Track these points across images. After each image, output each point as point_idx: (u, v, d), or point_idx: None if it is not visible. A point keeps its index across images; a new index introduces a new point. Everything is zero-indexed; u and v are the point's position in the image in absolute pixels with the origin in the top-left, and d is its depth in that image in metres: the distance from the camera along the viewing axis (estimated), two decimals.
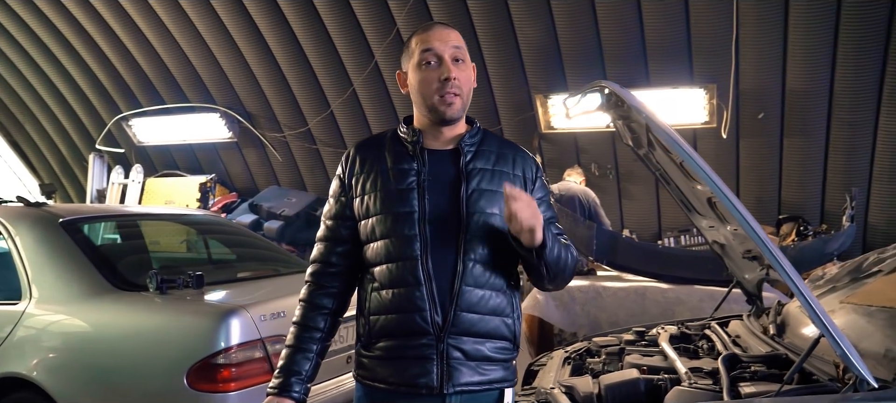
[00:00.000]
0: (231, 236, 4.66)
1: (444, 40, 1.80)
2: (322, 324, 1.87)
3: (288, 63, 7.43)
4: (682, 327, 3.47)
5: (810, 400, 2.16)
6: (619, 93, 2.60)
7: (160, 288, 3.10)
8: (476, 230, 1.76)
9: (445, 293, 1.74)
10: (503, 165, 1.86)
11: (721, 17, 5.63)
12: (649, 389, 2.56)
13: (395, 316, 1.76)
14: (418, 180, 1.79)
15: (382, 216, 1.78)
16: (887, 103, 5.65)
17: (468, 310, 1.75)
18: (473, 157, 1.83)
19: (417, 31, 1.86)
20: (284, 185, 8.42)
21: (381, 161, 1.84)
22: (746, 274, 3.46)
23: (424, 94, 1.81)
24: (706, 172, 2.28)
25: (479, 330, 1.76)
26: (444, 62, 1.79)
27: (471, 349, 1.76)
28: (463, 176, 1.80)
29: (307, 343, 1.85)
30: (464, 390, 1.75)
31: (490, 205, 1.79)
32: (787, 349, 2.69)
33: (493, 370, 1.79)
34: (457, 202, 1.78)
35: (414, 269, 1.74)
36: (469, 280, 1.75)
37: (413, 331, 1.74)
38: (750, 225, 2.25)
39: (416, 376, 1.74)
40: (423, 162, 1.81)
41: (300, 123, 7.86)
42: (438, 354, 1.74)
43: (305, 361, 1.84)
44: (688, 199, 3.36)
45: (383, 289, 1.77)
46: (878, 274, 2.98)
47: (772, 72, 5.76)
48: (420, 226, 1.75)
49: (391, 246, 1.77)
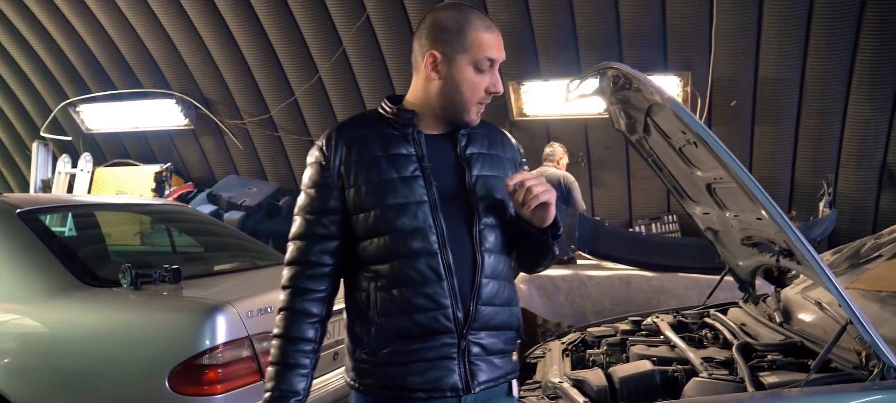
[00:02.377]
0: (198, 226, 4.42)
1: (502, 50, 1.69)
2: (312, 334, 1.65)
3: (249, 47, 7.17)
4: (678, 315, 3.42)
5: (839, 389, 2.11)
6: (632, 74, 2.50)
7: (134, 283, 2.88)
8: (487, 218, 1.68)
9: (467, 287, 1.63)
10: (496, 149, 1.78)
11: (697, 5, 5.63)
12: (664, 381, 2.49)
13: (412, 315, 1.61)
14: (420, 166, 1.65)
15: (387, 207, 1.62)
16: (856, 92, 5.75)
17: (487, 304, 1.66)
18: (469, 142, 1.73)
19: (475, 21, 1.66)
20: (244, 175, 8.16)
21: (372, 146, 1.66)
22: (740, 260, 3.43)
23: (466, 96, 1.66)
24: (731, 156, 2.21)
25: (496, 323, 1.68)
26: (495, 73, 1.68)
27: (489, 343, 1.67)
28: (464, 162, 1.70)
29: (299, 357, 1.63)
30: (486, 386, 1.67)
31: (493, 191, 1.71)
32: (801, 336, 2.65)
33: (505, 363, 1.73)
34: (463, 189, 1.68)
35: (433, 263, 1.61)
36: (487, 271, 1.66)
37: (435, 330, 1.61)
38: (776, 209, 2.19)
39: (440, 378, 1.62)
40: (421, 146, 1.68)
41: (262, 110, 7.61)
42: (460, 352, 1.63)
43: (299, 379, 1.63)
44: (681, 186, 3.30)
45: (395, 288, 1.61)
46: (879, 260, 2.97)
47: (745, 61, 5.81)
48: (434, 217, 1.63)
49: (403, 240, 1.61)
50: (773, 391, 2.17)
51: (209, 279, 3.29)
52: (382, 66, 6.92)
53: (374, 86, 7.01)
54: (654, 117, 2.85)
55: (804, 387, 2.13)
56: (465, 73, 1.65)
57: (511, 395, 1.77)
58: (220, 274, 3.42)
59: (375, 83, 6.99)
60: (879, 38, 5.46)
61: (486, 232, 1.67)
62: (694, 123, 2.23)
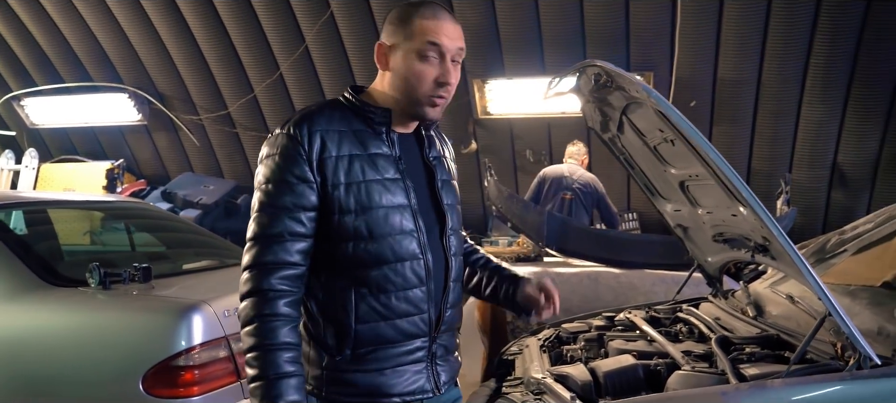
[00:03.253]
0: (159, 224, 4.29)
1: (452, 38, 1.59)
2: (297, 341, 1.52)
3: (207, 41, 7.00)
4: (650, 311, 3.47)
5: (819, 380, 2.18)
6: (616, 72, 2.52)
7: (103, 282, 2.77)
8: (451, 222, 1.71)
9: (440, 290, 1.66)
10: (445, 150, 1.81)
11: (660, 7, 5.73)
12: (647, 375, 2.52)
13: (395, 321, 1.58)
14: (398, 167, 1.62)
15: (374, 211, 1.56)
16: (809, 94, 5.94)
17: (453, 306, 1.71)
18: (430, 145, 1.74)
19: (423, 9, 1.59)
20: (199, 172, 7.98)
21: (351, 143, 1.58)
22: (709, 257, 3.50)
23: (414, 88, 1.59)
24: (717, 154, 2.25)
25: (454, 323, 1.74)
26: (446, 63, 1.59)
27: (448, 343, 1.72)
28: (429, 165, 1.71)
29: (295, 367, 1.49)
30: (446, 387, 1.71)
31: (451, 196, 1.74)
32: (776, 329, 2.72)
33: (455, 360, 1.78)
34: (433, 193, 1.68)
35: (417, 268, 1.61)
36: (454, 275, 1.70)
37: (413, 334, 1.61)
38: (761, 207, 2.24)
39: (412, 382, 1.62)
40: (396, 146, 1.64)
41: (219, 106, 7.45)
42: (429, 355, 1.65)
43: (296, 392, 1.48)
44: (652, 183, 3.35)
45: (378, 293, 1.57)
46: (844, 255, 3.07)
47: (705, 62, 5.94)
48: (415, 221, 1.61)
49: (390, 245, 1.57)
50: (756, 382, 2.21)
51: (180, 278, 3.19)
52: (346, 64, 6.84)
53: (337, 83, 6.92)
54: (631, 115, 2.89)
55: (786, 378, 2.20)
56: (408, 62, 1.58)
57: (456, 387, 1.82)
58: (189, 273, 3.32)
59: (338, 81, 6.91)
60: (832, 43, 5.66)
61: (452, 237, 1.70)
62: (682, 122, 2.26)
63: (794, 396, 2.13)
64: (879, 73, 5.73)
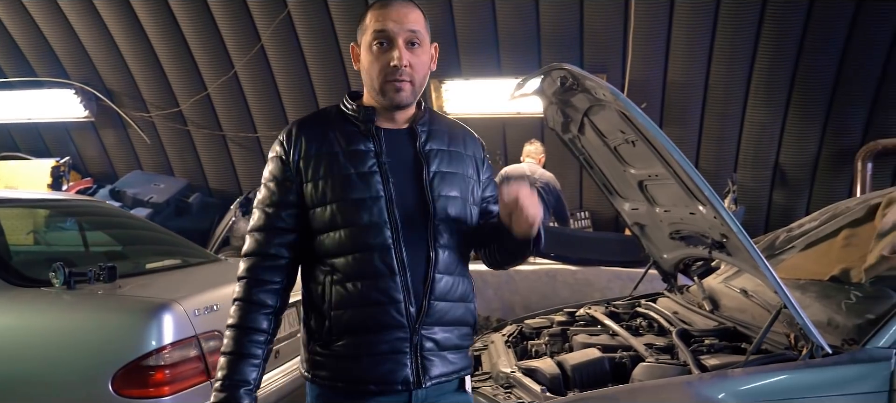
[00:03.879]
0: (113, 223, 4.19)
1: (399, 21, 1.64)
2: (266, 325, 1.65)
3: (160, 37, 6.86)
4: (609, 306, 3.59)
5: (775, 368, 2.31)
6: (582, 76, 2.61)
7: (68, 282, 2.72)
8: (442, 214, 1.69)
9: (419, 282, 1.65)
10: (457, 145, 1.79)
11: (614, 10, 5.89)
12: (613, 367, 2.62)
13: (364, 309, 1.62)
14: (378, 162, 1.66)
15: (344, 202, 1.63)
16: (753, 97, 6.20)
17: (441, 299, 1.68)
18: (428, 138, 1.74)
19: (375, 3, 1.69)
20: (148, 170, 7.79)
21: (331, 141, 1.67)
22: (665, 253, 3.63)
23: (373, 78, 1.67)
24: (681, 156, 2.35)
25: (449, 318, 1.70)
26: (397, 46, 1.64)
27: (442, 339, 1.69)
28: (422, 158, 1.71)
29: (251, 347, 1.63)
30: (438, 381, 1.68)
31: (451, 188, 1.72)
32: (733, 322, 2.86)
33: (459, 358, 1.74)
34: (420, 185, 1.69)
35: (386, 258, 1.62)
36: (441, 267, 1.68)
37: (386, 325, 1.63)
38: (722, 206, 2.35)
39: (391, 371, 1.63)
40: (380, 142, 1.69)
41: (170, 103, 7.30)
42: (412, 347, 1.65)
43: (252, 369, 1.62)
44: (611, 182, 3.47)
45: (349, 282, 1.62)
46: (793, 251, 3.24)
47: (656, 65, 6.13)
48: (389, 212, 1.64)
49: (358, 235, 1.62)
50: (716, 372, 2.33)
51: (145, 277, 3.14)
52: (302, 64, 6.81)
53: (293, 84, 6.88)
54: (593, 117, 2.99)
55: (745, 368, 2.32)
56: (365, 56, 1.68)
57: (463, 391, 1.79)
58: (154, 273, 3.27)
59: (294, 81, 6.87)
60: (775, 49, 5.92)
61: (442, 229, 1.69)
62: (649, 125, 2.36)
63: (752, 383, 2.27)
64: (818, 80, 6.01)
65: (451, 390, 1.74)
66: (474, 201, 1.77)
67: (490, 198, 1.86)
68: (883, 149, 5.97)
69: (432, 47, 1.76)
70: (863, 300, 2.52)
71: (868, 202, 3.10)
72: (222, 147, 7.48)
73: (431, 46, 1.75)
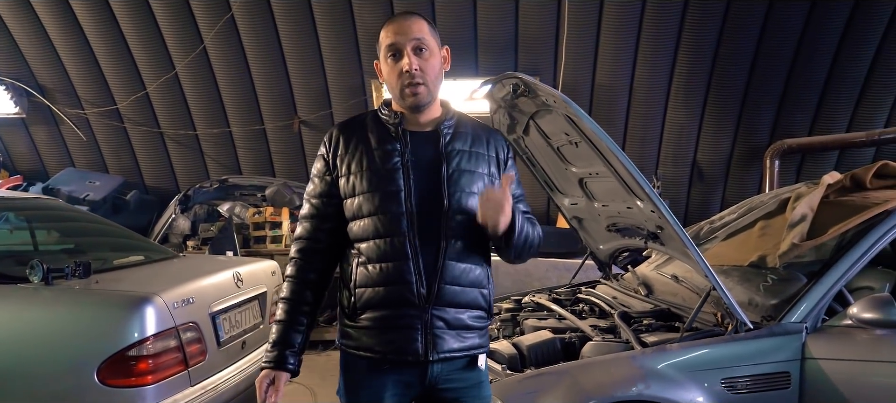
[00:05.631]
0: (66, 219, 4.17)
1: (404, 33, 1.88)
2: (311, 298, 1.96)
3: (97, 33, 6.74)
4: (552, 294, 3.89)
5: (707, 343, 2.65)
6: (534, 84, 2.87)
7: (46, 278, 2.81)
8: (457, 208, 1.88)
9: (431, 266, 1.85)
10: (479, 146, 1.98)
11: (546, 17, 6.21)
12: (564, 346, 2.91)
13: (382, 288, 1.86)
14: (402, 160, 1.89)
15: (369, 194, 1.87)
16: (674, 99, 6.64)
17: (451, 283, 1.87)
18: (452, 139, 1.94)
19: (386, 23, 1.94)
20: (81, 167, 7.61)
21: (365, 141, 1.92)
22: (601, 245, 3.97)
23: (392, 85, 1.92)
24: (624, 156, 2.65)
25: (460, 300, 1.89)
26: (405, 55, 1.87)
27: (452, 318, 1.88)
28: (443, 157, 1.91)
29: (298, 316, 1.94)
30: (446, 356, 1.89)
31: (469, 185, 1.91)
32: (666, 304, 3.19)
33: (472, 337, 1.93)
34: (439, 181, 1.88)
35: (402, 244, 1.84)
36: (451, 255, 1.86)
37: (400, 302, 1.85)
38: (660, 201, 2.66)
39: (403, 344, 1.86)
40: (406, 143, 1.91)
41: (106, 101, 7.16)
42: (423, 324, 1.86)
43: (297, 334, 1.93)
44: (552, 180, 3.77)
45: (371, 263, 1.87)
46: (716, 240, 3.61)
47: (585, 69, 6.48)
48: (407, 204, 1.85)
49: (379, 223, 1.86)
50: (657, 347, 2.66)
51: (116, 273, 3.23)
52: (244, 67, 6.81)
53: (235, 86, 6.88)
54: (538, 120, 3.27)
55: (681, 343, 2.66)
56: (384, 68, 1.93)
57: (476, 367, 1.97)
58: (123, 269, 3.35)
59: (236, 83, 6.86)
60: (693, 56, 6.39)
61: (456, 220, 1.87)
62: (596, 129, 2.64)
63: (687, 356, 2.60)
64: (731, 84, 6.52)
65: (462, 366, 1.93)
66: None
67: (513, 196, 1.91)
68: (788, 148, 6.54)
69: (443, 50, 1.97)
70: (778, 282, 2.89)
71: (779, 196, 3.49)
72: (160, 144, 7.41)
73: (442, 49, 1.97)
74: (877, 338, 2.57)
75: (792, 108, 6.61)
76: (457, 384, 1.93)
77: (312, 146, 7.22)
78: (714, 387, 2.51)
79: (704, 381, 2.52)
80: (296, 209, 6.53)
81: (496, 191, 1.82)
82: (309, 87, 6.89)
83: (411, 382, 1.90)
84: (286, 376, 1.91)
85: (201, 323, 3.00)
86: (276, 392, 1.89)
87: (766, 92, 6.55)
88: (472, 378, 1.96)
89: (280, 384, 1.90)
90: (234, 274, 3.40)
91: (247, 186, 6.89)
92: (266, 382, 1.90)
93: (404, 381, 1.90)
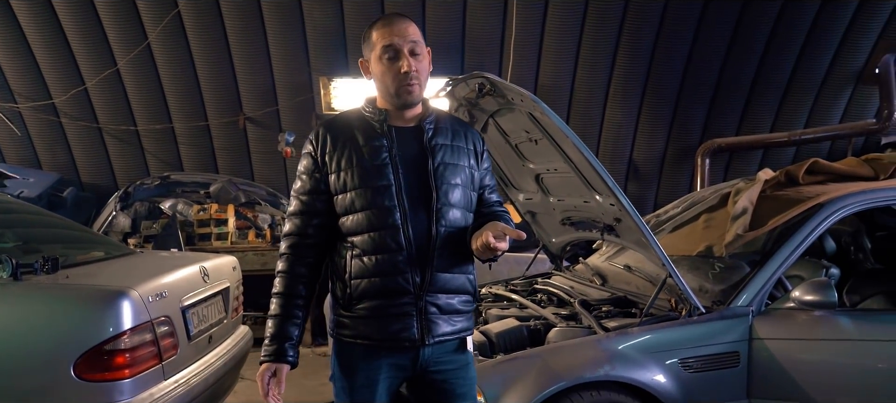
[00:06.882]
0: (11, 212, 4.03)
1: (402, 35, 1.94)
2: (304, 291, 2.00)
3: (33, 25, 6.52)
4: (509, 285, 4.04)
5: (663, 326, 2.86)
6: (501, 83, 3.00)
7: (15, 274, 2.77)
8: (444, 199, 1.96)
9: (423, 256, 1.93)
10: (459, 140, 2.06)
11: (492, 19, 6.38)
12: (530, 333, 3.06)
13: (377, 279, 1.94)
14: (390, 155, 1.97)
15: (362, 189, 1.94)
16: (611, 100, 6.94)
17: (442, 270, 1.95)
18: (434, 134, 2.01)
19: (377, 23, 1.98)
20: (12, 163, 7.30)
21: (352, 139, 1.98)
22: (554, 238, 4.14)
23: (387, 84, 1.98)
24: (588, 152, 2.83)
25: (450, 286, 1.98)
26: (403, 57, 1.93)
27: (444, 304, 1.97)
28: (428, 151, 1.99)
29: (293, 310, 1.98)
30: (440, 340, 1.97)
31: (453, 177, 1.99)
32: (622, 292, 3.39)
33: (461, 321, 2.03)
34: (425, 175, 1.96)
35: (396, 236, 1.93)
36: (441, 244, 1.94)
37: (395, 291, 1.94)
38: (622, 195, 2.85)
39: (399, 331, 1.95)
40: (392, 139, 1.99)
41: (42, 95, 6.92)
42: (418, 310, 1.94)
43: (294, 327, 1.98)
44: (508, 175, 3.92)
45: (365, 256, 1.94)
46: (664, 232, 3.84)
47: (530, 69, 6.69)
48: (398, 198, 1.94)
49: (373, 216, 1.94)
50: (618, 331, 2.85)
51: (83, 268, 3.18)
52: (190, 65, 6.74)
53: (179, 83, 6.79)
54: (498, 118, 3.41)
55: (640, 327, 2.85)
56: (377, 67, 1.96)
57: (465, 350, 2.07)
58: (86, 264, 3.30)
59: (180, 81, 6.78)
60: (631, 58, 6.70)
61: (444, 211, 1.95)
62: (563, 127, 2.81)
63: (646, 337, 2.80)
64: (666, 86, 6.87)
65: (451, 349, 2.02)
66: (473, 188, 2.06)
67: (487, 186, 2.12)
68: (718, 147, 6.93)
69: (427, 51, 2.05)
70: (725, 270, 3.12)
71: (720, 191, 3.73)
72: (97, 140, 7.20)
73: (426, 51, 2.05)
74: (816, 318, 2.83)
75: (721, 109, 7.00)
76: (446, 366, 2.02)
77: (258, 143, 7.18)
78: (673, 367, 2.71)
79: (664, 360, 2.72)
80: (241, 206, 6.48)
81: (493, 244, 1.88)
82: (255, 84, 6.86)
83: (404, 365, 1.99)
84: (287, 368, 1.95)
85: (173, 317, 3.00)
86: (278, 384, 1.93)
87: (698, 93, 6.92)
88: (460, 360, 2.06)
89: (282, 375, 1.94)
90: (201, 269, 3.41)
91: (189, 183, 6.79)
92: (267, 375, 1.93)
93: (398, 364, 1.98)
